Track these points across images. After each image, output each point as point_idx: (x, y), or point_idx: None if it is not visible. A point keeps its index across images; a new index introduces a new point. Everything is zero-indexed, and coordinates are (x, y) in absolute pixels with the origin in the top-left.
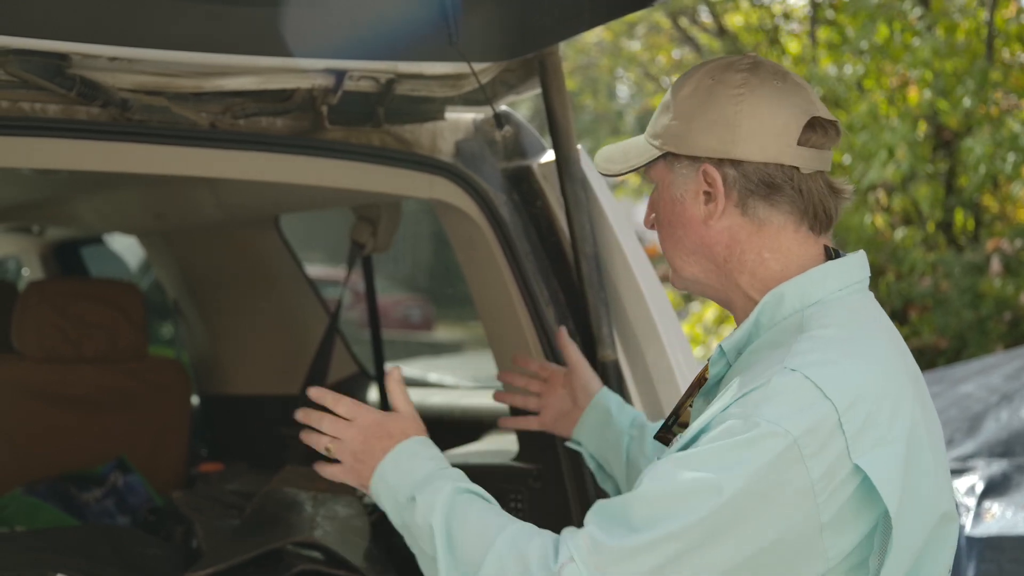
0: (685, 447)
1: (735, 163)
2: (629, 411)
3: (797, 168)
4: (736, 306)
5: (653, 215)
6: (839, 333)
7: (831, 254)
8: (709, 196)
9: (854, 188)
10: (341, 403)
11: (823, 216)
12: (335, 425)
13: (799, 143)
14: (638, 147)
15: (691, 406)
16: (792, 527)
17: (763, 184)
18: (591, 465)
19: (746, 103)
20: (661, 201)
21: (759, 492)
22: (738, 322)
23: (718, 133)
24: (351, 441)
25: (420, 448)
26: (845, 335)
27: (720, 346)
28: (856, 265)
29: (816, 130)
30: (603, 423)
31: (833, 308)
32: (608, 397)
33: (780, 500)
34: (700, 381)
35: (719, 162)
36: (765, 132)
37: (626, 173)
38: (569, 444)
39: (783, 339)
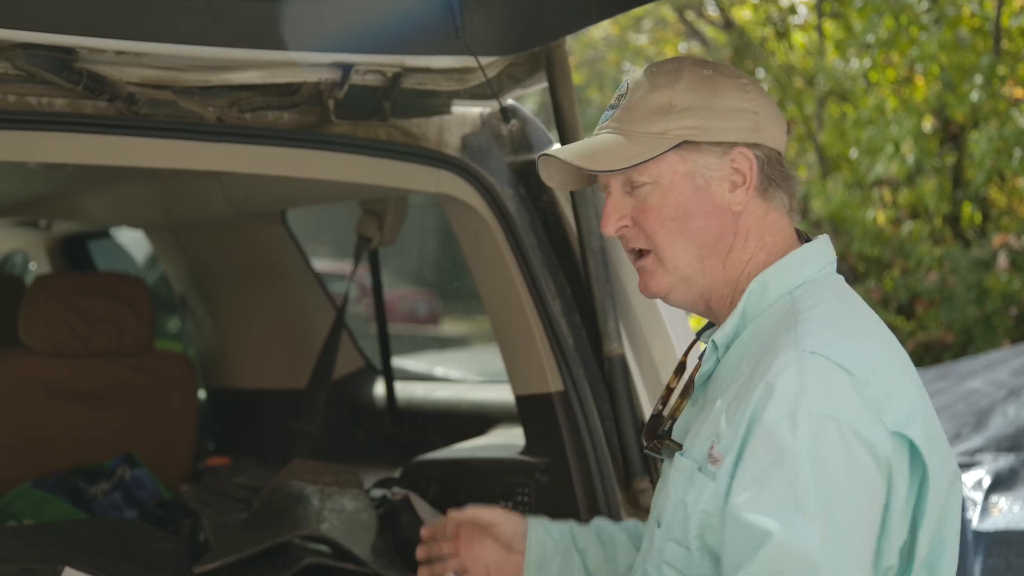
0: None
1: (759, 146)
2: (564, 529)
3: (782, 154)
4: (721, 304)
5: (624, 219)
6: (835, 308)
7: (802, 237)
8: (736, 181)
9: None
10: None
11: (799, 200)
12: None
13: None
14: (623, 144)
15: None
16: (874, 504)
17: (777, 169)
18: None
19: (752, 92)
20: (671, 194)
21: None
22: (713, 318)
23: (742, 118)
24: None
25: None
26: (842, 310)
27: (713, 341)
28: (826, 247)
29: None
30: (549, 557)
31: (818, 288)
32: (539, 529)
33: (863, 483)
34: (690, 382)
35: (749, 145)
36: (772, 120)
37: (628, 168)
38: None
39: (776, 324)
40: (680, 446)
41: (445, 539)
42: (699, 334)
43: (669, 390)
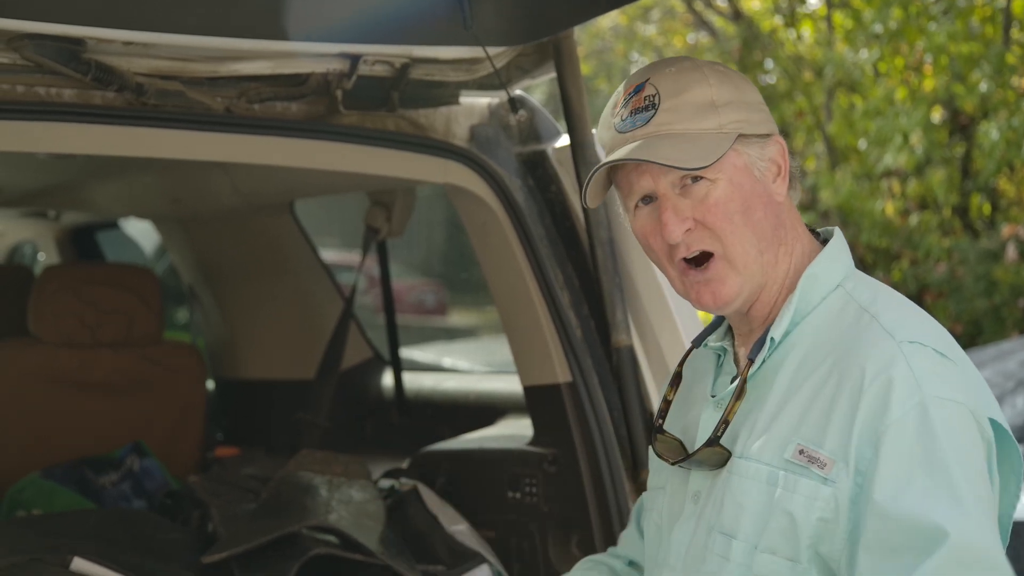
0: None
1: (780, 136)
2: None
3: None
4: (764, 301)
5: (689, 220)
6: (897, 298)
7: (809, 231)
8: (777, 170)
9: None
10: None
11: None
12: None
13: None
14: (687, 142)
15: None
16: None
17: (791, 161)
18: None
19: (755, 88)
20: (736, 189)
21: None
22: (755, 320)
23: (764, 111)
24: None
25: None
26: (902, 299)
27: (771, 337)
28: (844, 240)
29: None
30: None
31: (863, 279)
32: None
33: (987, 463)
34: (743, 383)
35: (778, 135)
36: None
37: (706, 167)
38: None
39: (840, 317)
40: (728, 452)
41: None
42: (696, 342)
43: (667, 403)
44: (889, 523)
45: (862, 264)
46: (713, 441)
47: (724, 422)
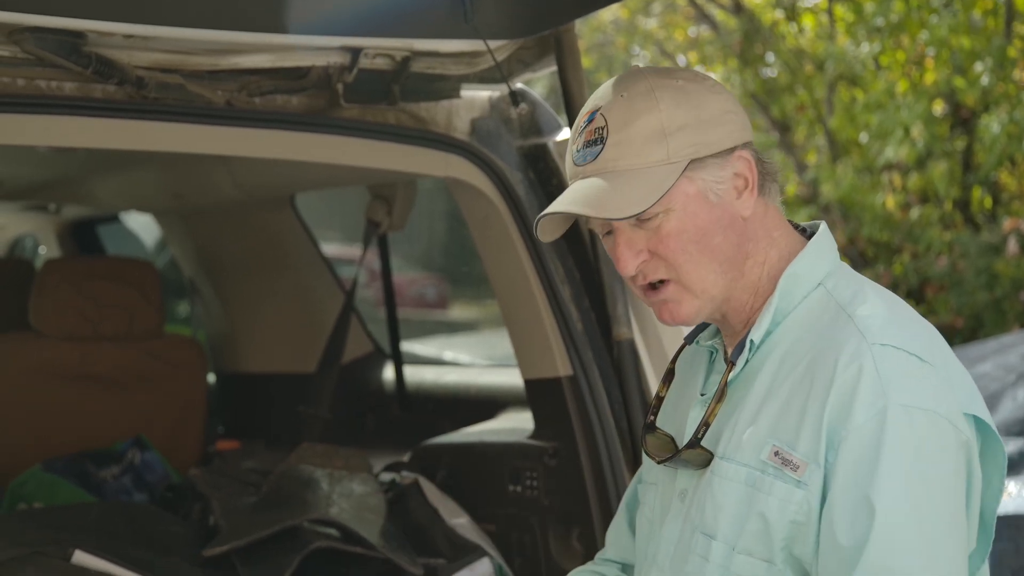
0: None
1: (747, 145)
2: None
3: None
4: (738, 307)
5: (642, 254)
6: (878, 295)
7: (795, 226)
8: (739, 187)
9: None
10: None
11: (782, 186)
12: None
13: None
14: (633, 179)
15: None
16: (963, 489)
17: (765, 162)
18: None
19: (722, 92)
20: (688, 218)
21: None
22: (736, 323)
23: (730, 121)
24: None
25: None
26: (884, 296)
27: (751, 340)
28: (830, 235)
29: None
30: None
31: (846, 275)
32: None
33: (958, 469)
34: (723, 386)
35: (744, 146)
36: (744, 113)
37: (650, 207)
38: None
39: (820, 317)
40: (710, 453)
41: None
42: (688, 339)
43: (659, 399)
44: (828, 531)
45: (863, 258)
46: (694, 443)
47: (705, 424)
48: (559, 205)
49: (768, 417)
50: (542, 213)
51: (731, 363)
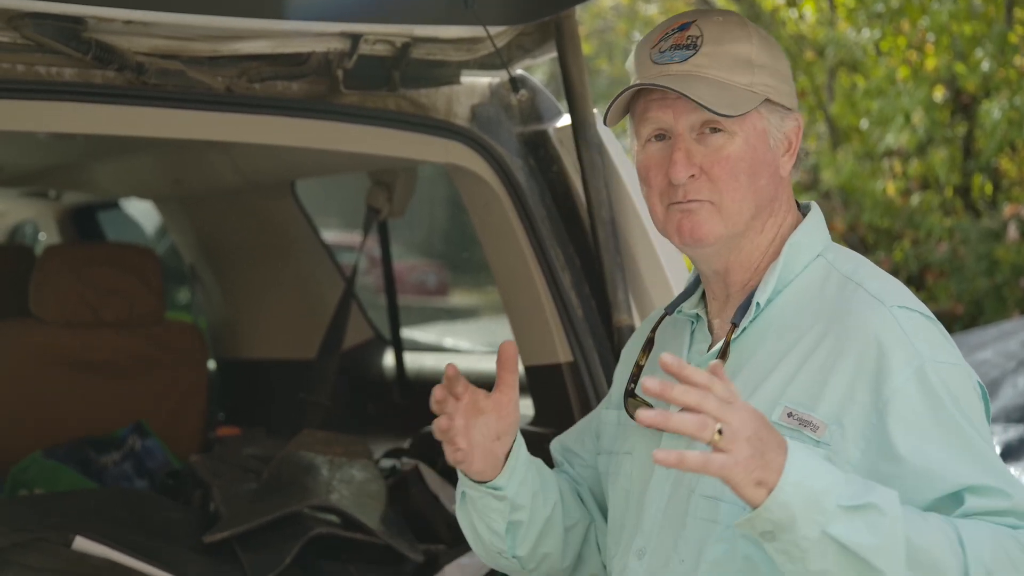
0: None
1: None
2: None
3: None
4: (744, 266)
5: (695, 167)
6: (875, 268)
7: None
8: (785, 147)
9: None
10: (718, 383)
11: None
12: (724, 409)
13: None
14: (722, 89)
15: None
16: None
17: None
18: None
19: (785, 58)
20: (748, 148)
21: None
22: (734, 285)
23: (790, 85)
24: (745, 427)
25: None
26: (880, 270)
27: (757, 302)
28: (821, 213)
29: None
30: (523, 464)
31: (840, 249)
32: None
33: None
34: (726, 346)
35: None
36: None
37: (736, 116)
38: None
39: (824, 284)
40: None
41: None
42: (668, 309)
43: (639, 367)
44: (920, 480)
45: (863, 244)
46: None
47: None
48: (659, 81)
49: (777, 381)
50: (631, 86)
51: (733, 325)
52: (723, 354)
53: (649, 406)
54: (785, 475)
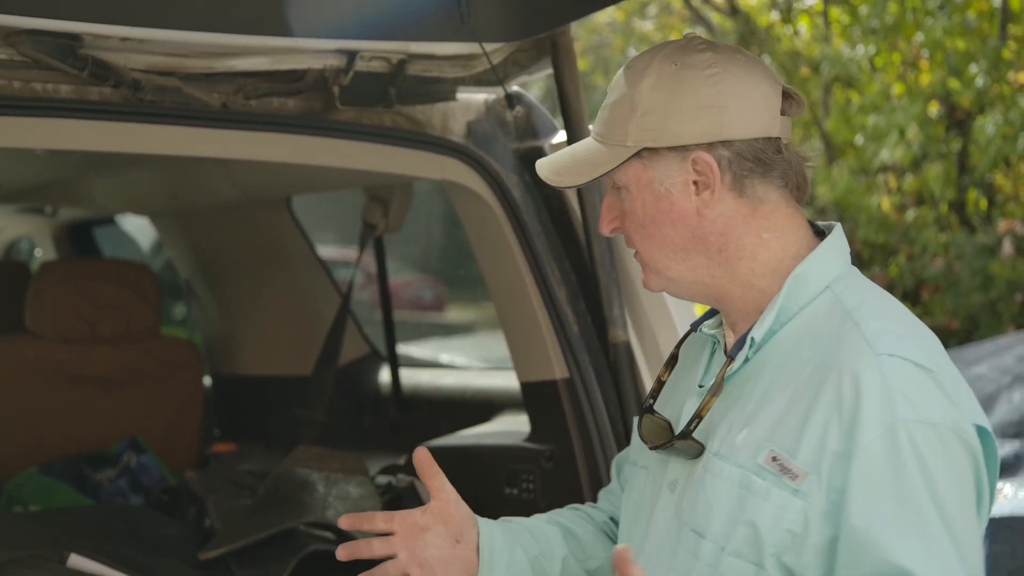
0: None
1: (726, 144)
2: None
3: (779, 139)
4: (733, 298)
5: (616, 220)
6: (885, 303)
7: (815, 228)
8: (700, 184)
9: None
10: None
11: (804, 186)
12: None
13: (781, 113)
14: (597, 151)
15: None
16: (974, 501)
17: (757, 161)
18: None
19: (724, 82)
20: (638, 202)
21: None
22: (735, 314)
23: (704, 117)
24: None
25: None
26: (890, 303)
27: (752, 338)
28: (843, 237)
29: (786, 99)
30: (499, 549)
31: (855, 281)
32: (487, 524)
33: (968, 482)
34: (719, 380)
35: (709, 146)
36: (752, 107)
37: (592, 180)
38: None
39: (827, 322)
40: (702, 445)
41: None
42: (694, 325)
43: (660, 383)
44: (861, 551)
45: (859, 260)
46: (686, 434)
47: (697, 417)
48: (538, 163)
49: (767, 421)
50: (541, 162)
51: (730, 358)
52: (716, 388)
53: (667, 424)
54: None
